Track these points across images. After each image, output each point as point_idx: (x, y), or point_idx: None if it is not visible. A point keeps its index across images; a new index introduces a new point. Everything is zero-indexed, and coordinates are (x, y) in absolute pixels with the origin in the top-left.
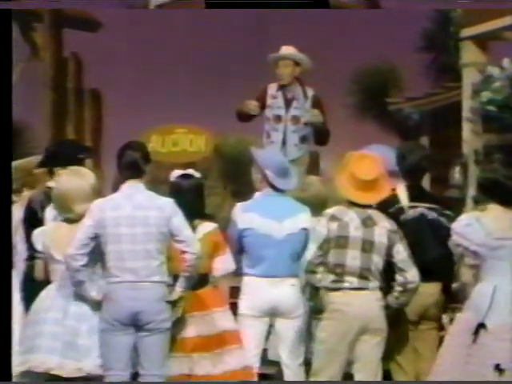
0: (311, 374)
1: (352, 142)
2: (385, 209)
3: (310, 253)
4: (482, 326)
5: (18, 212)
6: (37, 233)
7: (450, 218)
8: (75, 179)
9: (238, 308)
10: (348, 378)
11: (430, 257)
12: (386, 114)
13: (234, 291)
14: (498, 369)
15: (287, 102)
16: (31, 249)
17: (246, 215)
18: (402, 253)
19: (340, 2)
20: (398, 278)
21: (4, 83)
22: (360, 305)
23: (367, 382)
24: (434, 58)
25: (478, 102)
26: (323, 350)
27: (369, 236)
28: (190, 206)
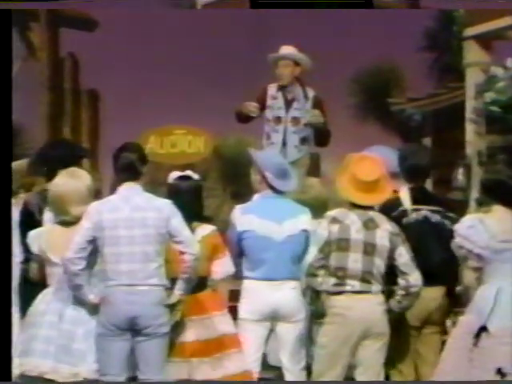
0: (312, 379)
1: (353, 143)
2: (388, 212)
3: (311, 256)
4: (483, 329)
5: (14, 214)
6: (32, 235)
7: (454, 220)
8: (71, 181)
9: (237, 312)
10: None
11: (433, 261)
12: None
13: (233, 294)
14: (500, 373)
15: (287, 103)
16: (27, 251)
17: (245, 217)
18: (404, 256)
19: (383, 2)
20: (401, 281)
21: (4, 83)
22: (362, 309)
23: (367, 382)
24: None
25: (482, 102)
26: (324, 354)
27: (370, 238)
28: (189, 208)
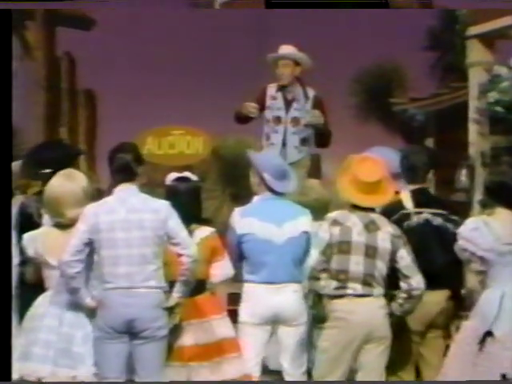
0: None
1: (354, 144)
2: (389, 215)
3: (313, 259)
4: (489, 334)
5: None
6: (27, 238)
7: (457, 223)
8: (67, 183)
9: (237, 315)
10: None
11: (435, 264)
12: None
13: (233, 298)
14: (504, 378)
15: (287, 103)
16: (23, 254)
17: (245, 220)
18: (405, 258)
19: (399, 2)
20: (402, 284)
21: (4, 83)
22: (364, 312)
23: (367, 381)
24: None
25: (485, 102)
26: (325, 359)
27: (372, 241)
28: (187, 210)
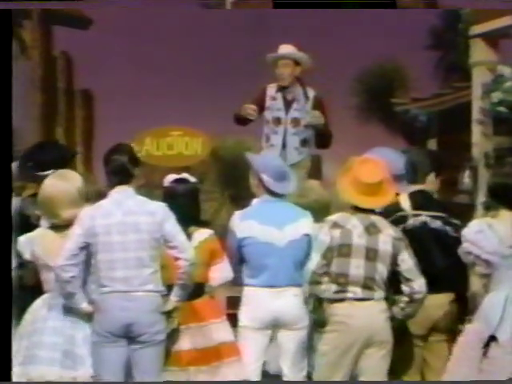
0: None
1: (356, 145)
2: (386, 216)
3: (314, 262)
4: (493, 338)
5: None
6: (23, 240)
7: (457, 226)
8: (61, 183)
9: (237, 320)
10: None
11: (434, 267)
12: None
13: (232, 301)
14: None
15: (287, 104)
16: (19, 257)
17: (245, 223)
18: (407, 261)
19: (405, 2)
20: (404, 288)
21: (4, 83)
22: (364, 316)
23: (367, 381)
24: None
25: (489, 102)
26: (325, 363)
27: (373, 244)
28: (185, 212)
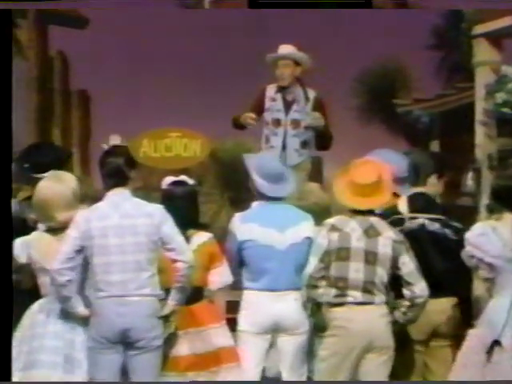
0: None
1: (357, 147)
2: (383, 219)
3: (311, 266)
4: (497, 343)
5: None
6: (19, 244)
7: (457, 229)
8: (56, 185)
9: (236, 324)
10: None
11: (433, 271)
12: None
13: (231, 306)
14: None
15: (287, 105)
16: (15, 260)
17: (246, 226)
18: (408, 265)
19: (382, 2)
20: (406, 292)
21: (4, 84)
22: (364, 321)
23: (367, 382)
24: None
25: (492, 103)
26: (324, 368)
27: (372, 247)
28: (184, 215)
